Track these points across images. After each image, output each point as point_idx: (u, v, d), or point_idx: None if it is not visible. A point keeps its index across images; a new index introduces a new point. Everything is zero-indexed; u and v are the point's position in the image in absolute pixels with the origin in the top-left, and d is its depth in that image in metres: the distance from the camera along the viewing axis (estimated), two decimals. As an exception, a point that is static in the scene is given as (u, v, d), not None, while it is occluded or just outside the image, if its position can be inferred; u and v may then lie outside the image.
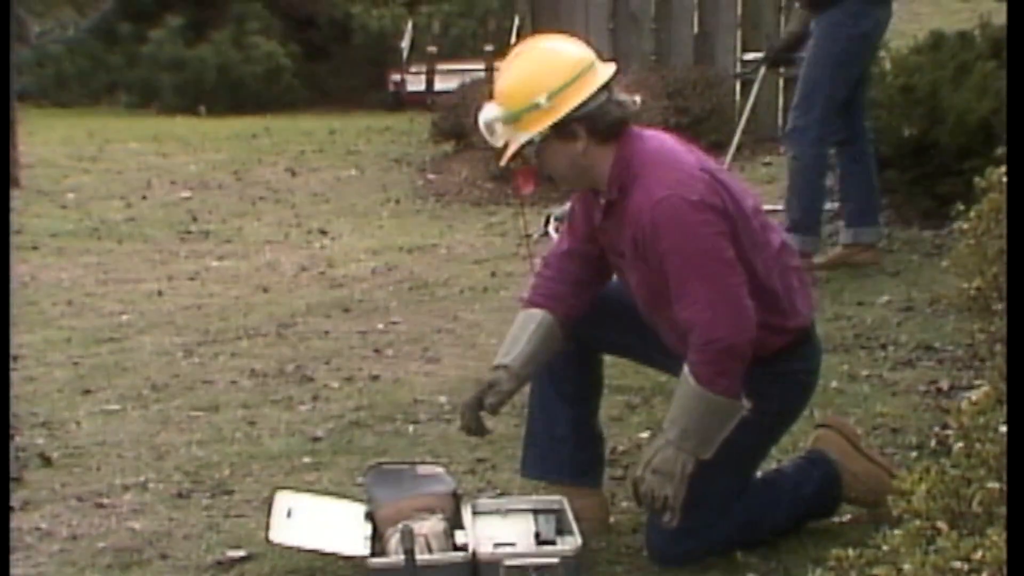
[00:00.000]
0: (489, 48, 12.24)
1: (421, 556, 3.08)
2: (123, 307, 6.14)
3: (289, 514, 3.30)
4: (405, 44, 12.70)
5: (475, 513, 3.33)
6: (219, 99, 12.87)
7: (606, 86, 3.20)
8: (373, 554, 3.16)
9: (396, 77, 12.49)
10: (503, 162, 3.28)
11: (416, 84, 12.29)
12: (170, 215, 8.20)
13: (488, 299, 5.91)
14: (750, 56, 6.62)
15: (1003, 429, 2.39)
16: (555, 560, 3.09)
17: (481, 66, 11.96)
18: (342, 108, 12.74)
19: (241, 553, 3.40)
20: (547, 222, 6.39)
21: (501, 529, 3.27)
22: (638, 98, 3.28)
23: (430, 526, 3.18)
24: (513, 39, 12.56)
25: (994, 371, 3.32)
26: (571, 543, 3.15)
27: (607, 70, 3.22)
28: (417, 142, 10.11)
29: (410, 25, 13.01)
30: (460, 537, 3.20)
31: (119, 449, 4.27)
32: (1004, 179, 3.98)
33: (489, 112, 3.22)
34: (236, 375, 5.02)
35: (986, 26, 6.46)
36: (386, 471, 3.49)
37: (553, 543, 3.20)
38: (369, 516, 3.32)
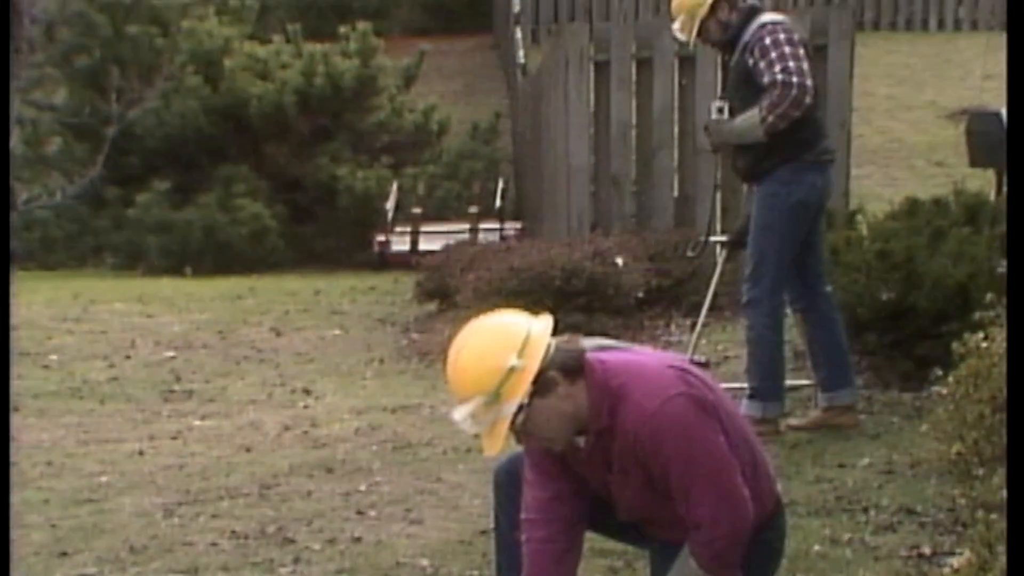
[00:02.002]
0: (474, 210, 12.39)
1: None
2: (103, 467, 6.11)
3: None
4: (390, 205, 12.85)
5: None
6: (205, 260, 12.96)
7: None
8: None
9: (381, 237, 12.61)
10: (499, 445, 3.21)
11: (401, 244, 12.40)
12: (153, 375, 8.20)
13: (471, 460, 5.89)
14: (703, 238, 6.75)
15: (985, 596, 2.39)
16: None
17: (465, 227, 12.10)
18: (327, 268, 12.84)
19: None
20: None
21: None
22: (620, 259, 3.37)
23: None
24: (497, 201, 12.76)
25: (976, 537, 3.33)
26: None
27: (546, 317, 3.29)
28: (401, 302, 10.17)
29: (395, 186, 13.18)
30: None
31: (96, 614, 4.22)
32: (982, 344, 4.05)
33: (464, 408, 3.18)
34: (216, 536, 4.98)
35: (960, 193, 6.61)
36: (367, 637, 3.45)
37: None
38: None
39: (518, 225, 12.31)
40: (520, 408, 3.16)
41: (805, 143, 5.63)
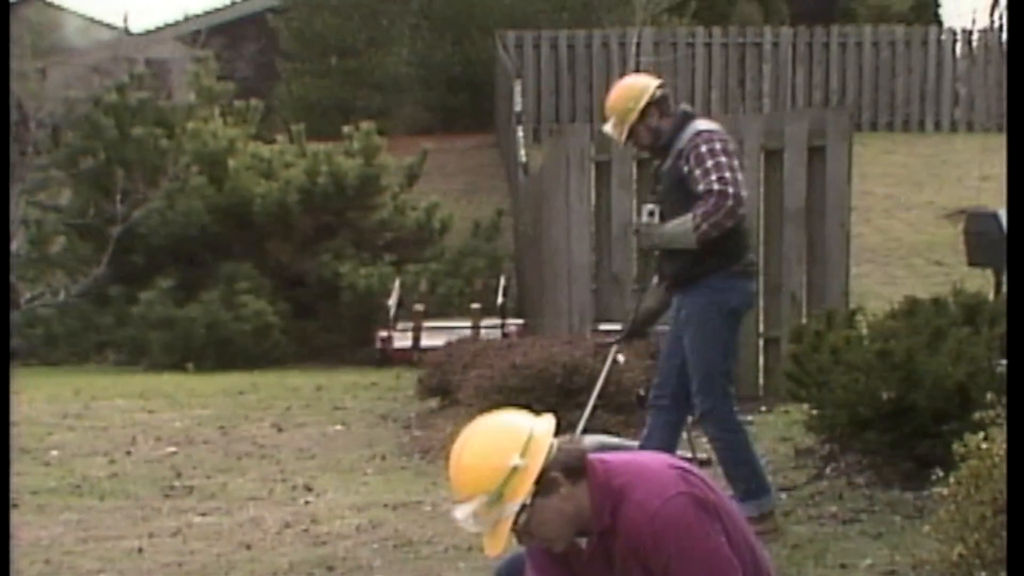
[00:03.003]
0: (476, 307, 12.45)
1: None
2: (101, 565, 6.08)
3: None
4: (392, 302, 12.91)
5: None
6: (208, 356, 12.99)
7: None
8: None
9: (383, 334, 12.65)
10: (501, 546, 3.19)
11: (403, 341, 12.43)
12: (154, 471, 8.18)
13: (473, 558, 5.87)
14: (606, 327, 6.79)
15: None
16: None
17: (467, 324, 12.14)
18: (329, 364, 12.86)
19: None
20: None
21: None
22: (621, 357, 3.38)
23: None
24: (499, 298, 12.82)
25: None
26: None
27: (548, 417, 3.31)
28: (403, 398, 10.18)
29: (397, 283, 13.26)
30: None
31: None
32: (982, 445, 4.06)
33: (466, 507, 3.18)
34: (215, 637, 4.95)
35: (959, 293, 6.65)
36: None
37: None
38: None
39: (520, 322, 12.36)
40: (522, 508, 3.16)
41: (733, 253, 5.67)
